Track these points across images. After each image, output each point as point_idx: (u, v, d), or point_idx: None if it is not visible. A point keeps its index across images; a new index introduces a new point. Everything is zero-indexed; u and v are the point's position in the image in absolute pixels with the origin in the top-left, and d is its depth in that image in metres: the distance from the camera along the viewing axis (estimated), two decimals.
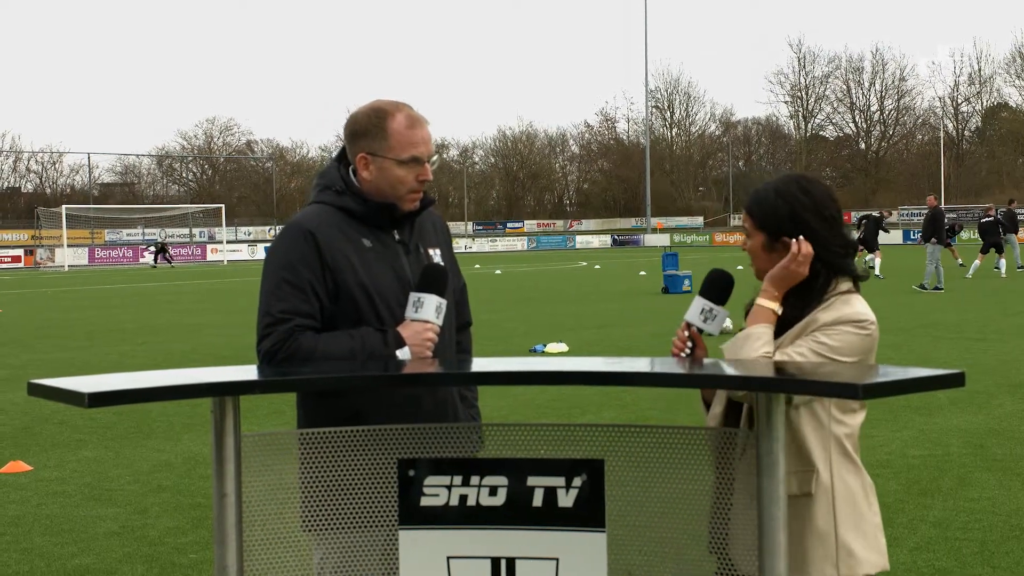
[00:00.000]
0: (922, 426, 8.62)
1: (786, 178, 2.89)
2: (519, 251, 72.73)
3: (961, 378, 2.43)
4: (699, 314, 2.89)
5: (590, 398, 10.04)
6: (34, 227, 65.01)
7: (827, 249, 2.81)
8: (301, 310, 2.95)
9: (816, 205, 2.82)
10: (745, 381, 2.59)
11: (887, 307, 19.54)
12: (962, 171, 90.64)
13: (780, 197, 2.83)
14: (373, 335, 2.98)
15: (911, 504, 6.41)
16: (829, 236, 2.81)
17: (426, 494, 2.64)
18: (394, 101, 3.12)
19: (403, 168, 3.05)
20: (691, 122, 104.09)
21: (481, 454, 2.70)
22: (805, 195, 2.82)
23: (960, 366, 11.86)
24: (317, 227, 3.01)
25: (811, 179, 2.91)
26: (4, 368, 13.51)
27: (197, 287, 33.43)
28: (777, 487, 2.44)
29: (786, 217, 2.81)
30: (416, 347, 3.00)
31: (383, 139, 3.04)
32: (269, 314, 2.95)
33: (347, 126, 3.12)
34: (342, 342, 2.95)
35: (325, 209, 3.07)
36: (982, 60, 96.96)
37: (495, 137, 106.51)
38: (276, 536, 2.66)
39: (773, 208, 2.83)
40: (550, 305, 22.35)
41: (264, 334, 2.95)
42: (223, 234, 65.53)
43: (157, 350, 15.27)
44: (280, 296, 2.96)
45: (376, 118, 3.06)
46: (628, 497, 2.61)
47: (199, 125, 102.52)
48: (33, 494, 7.04)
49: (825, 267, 2.81)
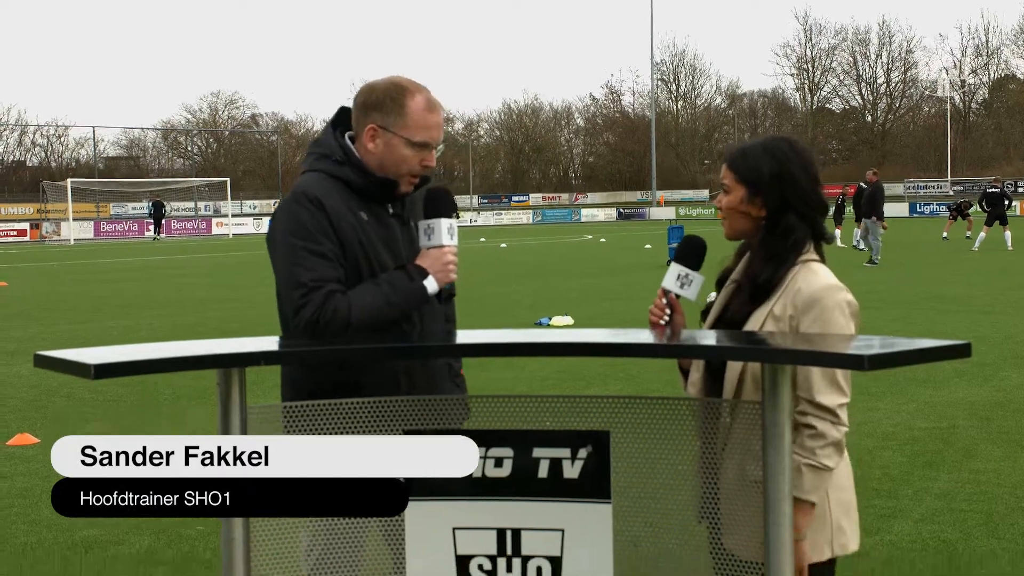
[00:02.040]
0: (928, 398, 8.62)
1: (774, 137, 2.95)
2: (524, 224, 72.63)
3: (967, 349, 2.42)
4: (676, 280, 2.94)
5: (595, 370, 10.05)
6: (39, 201, 65.02)
7: (808, 205, 2.85)
8: (330, 275, 2.93)
9: (804, 163, 2.86)
10: (753, 352, 2.59)
11: (892, 280, 19.56)
12: (969, 144, 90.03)
13: (768, 152, 2.86)
14: (396, 275, 2.97)
15: (916, 476, 6.43)
16: (811, 193, 2.86)
17: None
18: (414, 81, 3.09)
19: (411, 149, 3.03)
20: (697, 95, 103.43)
21: (488, 425, 2.70)
22: (793, 152, 2.87)
23: (966, 338, 11.81)
24: (324, 194, 2.99)
25: (797, 140, 2.98)
26: (10, 341, 13.55)
27: (202, 260, 33.46)
28: (783, 458, 2.45)
29: (772, 172, 2.83)
30: (439, 273, 3.00)
31: (399, 116, 3.01)
32: (302, 284, 2.91)
33: (362, 95, 3.08)
34: (372, 291, 2.93)
35: (324, 178, 3.04)
36: (989, 32, 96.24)
37: (500, 110, 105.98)
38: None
39: (759, 162, 2.85)
40: (555, 279, 22.32)
41: (301, 303, 2.90)
42: (228, 208, 65.49)
43: (163, 323, 15.30)
44: (308, 265, 2.92)
45: (396, 93, 3.03)
46: (633, 469, 2.62)
47: (204, 99, 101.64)
48: (41, 466, 7.07)
49: (803, 224, 2.84)
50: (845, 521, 2.83)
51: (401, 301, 2.96)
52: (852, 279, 19.07)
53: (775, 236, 2.84)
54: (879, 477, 6.40)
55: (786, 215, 2.84)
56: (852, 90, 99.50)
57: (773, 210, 2.84)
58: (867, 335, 2.67)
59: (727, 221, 2.92)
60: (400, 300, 2.95)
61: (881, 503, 5.90)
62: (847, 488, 2.86)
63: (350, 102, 3.16)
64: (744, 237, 2.93)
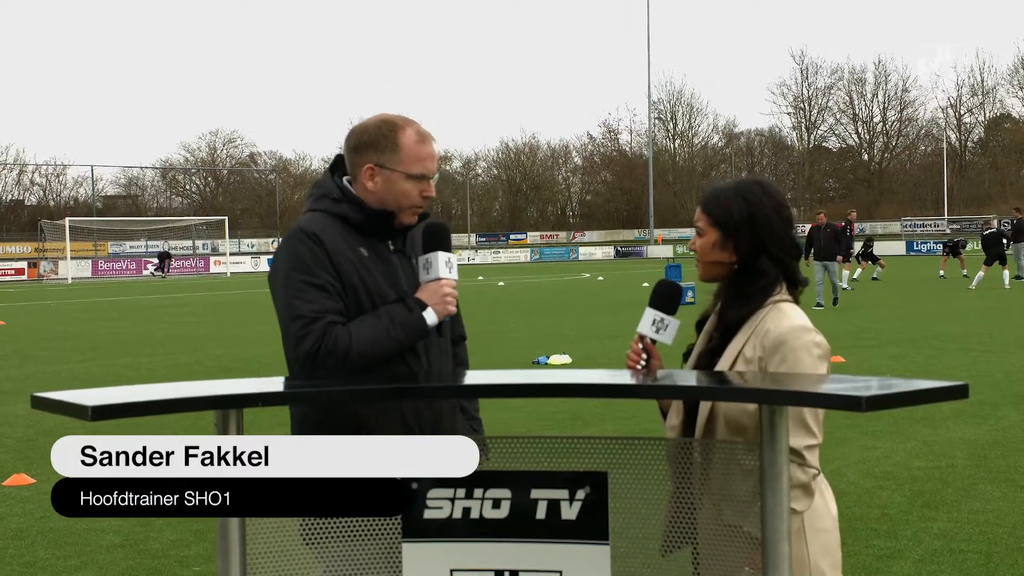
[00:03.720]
0: (926, 437, 8.61)
1: (747, 179, 2.95)
2: (522, 263, 72.84)
3: (965, 390, 2.42)
4: (651, 325, 2.97)
5: (592, 409, 10.05)
6: (38, 240, 65.13)
7: (781, 248, 2.86)
8: (329, 307, 2.94)
9: (777, 206, 2.88)
10: (748, 393, 2.59)
11: (890, 318, 19.57)
12: (965, 182, 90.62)
13: (742, 196, 2.87)
14: (395, 308, 2.99)
15: (915, 516, 6.40)
16: (784, 236, 2.87)
17: (429, 507, 2.63)
18: (402, 115, 3.14)
19: (410, 182, 3.06)
20: (694, 133, 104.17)
21: (485, 466, 2.69)
22: (767, 196, 2.88)
23: (964, 378, 11.93)
24: (321, 230, 3.02)
25: (769, 182, 2.99)
26: (7, 380, 13.52)
27: (200, 299, 33.46)
28: (781, 500, 2.44)
29: (745, 216, 2.84)
30: (438, 305, 3.02)
31: (393, 152, 3.05)
32: (301, 316, 2.93)
33: (353, 137, 3.12)
34: (372, 323, 2.95)
35: (323, 216, 3.07)
36: (984, 71, 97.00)
37: (498, 149, 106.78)
38: (279, 549, 2.65)
39: (732, 206, 2.86)
40: (553, 317, 22.36)
41: (301, 335, 2.91)
42: (226, 246, 65.63)
43: (161, 362, 15.28)
44: (306, 298, 2.94)
45: (387, 130, 3.07)
46: (632, 509, 2.61)
47: (203, 137, 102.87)
48: (36, 507, 7.04)
49: (776, 267, 2.85)
50: (825, 563, 2.80)
51: (401, 333, 2.97)
52: (848, 319, 19.12)
53: (746, 277, 2.86)
54: (878, 517, 6.37)
55: (758, 258, 2.85)
56: (848, 129, 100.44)
57: (746, 253, 2.86)
58: (865, 375, 2.67)
59: (701, 264, 2.94)
60: (400, 332, 2.97)
61: (880, 543, 5.88)
62: (829, 530, 2.83)
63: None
64: (717, 280, 2.95)
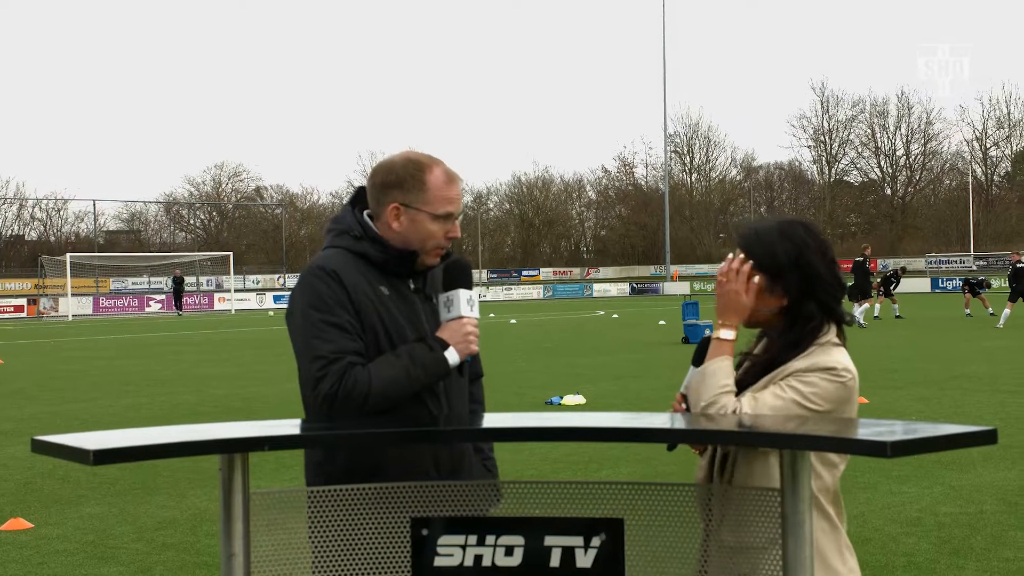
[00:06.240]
0: (953, 482, 8.38)
1: (789, 220, 2.87)
2: (535, 300, 72.20)
3: (993, 435, 2.36)
4: None
5: (607, 453, 9.92)
6: (38, 276, 65.11)
7: (827, 292, 2.79)
8: (349, 347, 2.90)
9: (821, 247, 2.81)
10: (770, 438, 2.52)
11: (916, 358, 19.27)
12: (992, 217, 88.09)
13: (786, 237, 2.79)
14: (417, 347, 2.95)
15: (943, 564, 6.22)
16: (830, 279, 2.80)
17: (440, 554, 2.57)
18: (428, 155, 3.10)
19: (436, 223, 3.03)
20: (711, 167, 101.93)
21: (497, 512, 2.62)
22: (810, 236, 2.81)
23: (993, 420, 11.67)
24: (340, 268, 2.97)
25: (811, 223, 2.92)
26: (7, 421, 13.39)
27: (204, 337, 33.39)
28: (804, 547, 2.37)
29: (791, 258, 2.76)
30: (460, 344, 2.98)
31: (420, 191, 3.01)
32: (320, 356, 2.88)
33: (379, 174, 3.08)
34: (392, 363, 2.90)
35: (344, 253, 3.03)
36: (1011, 103, 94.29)
37: (510, 183, 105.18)
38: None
39: (776, 248, 2.78)
40: (567, 356, 22.01)
41: (319, 375, 2.87)
42: (231, 282, 65.64)
43: (164, 402, 15.18)
44: (326, 338, 2.89)
45: (415, 170, 3.03)
46: (649, 556, 2.55)
47: (207, 171, 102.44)
48: (34, 552, 6.93)
49: (820, 310, 2.78)
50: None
51: (422, 373, 2.92)
52: (872, 358, 18.80)
53: (796, 322, 2.79)
54: (904, 565, 6.20)
55: (807, 303, 2.78)
56: (871, 162, 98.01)
57: (794, 299, 2.79)
58: (890, 419, 2.60)
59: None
60: (421, 372, 2.92)
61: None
62: (834, 563, 2.75)
63: (356, 175, 3.19)
64: (762, 326, 2.87)
